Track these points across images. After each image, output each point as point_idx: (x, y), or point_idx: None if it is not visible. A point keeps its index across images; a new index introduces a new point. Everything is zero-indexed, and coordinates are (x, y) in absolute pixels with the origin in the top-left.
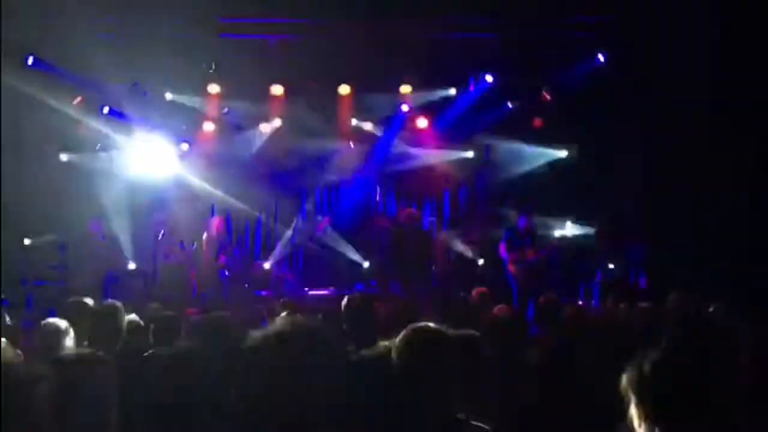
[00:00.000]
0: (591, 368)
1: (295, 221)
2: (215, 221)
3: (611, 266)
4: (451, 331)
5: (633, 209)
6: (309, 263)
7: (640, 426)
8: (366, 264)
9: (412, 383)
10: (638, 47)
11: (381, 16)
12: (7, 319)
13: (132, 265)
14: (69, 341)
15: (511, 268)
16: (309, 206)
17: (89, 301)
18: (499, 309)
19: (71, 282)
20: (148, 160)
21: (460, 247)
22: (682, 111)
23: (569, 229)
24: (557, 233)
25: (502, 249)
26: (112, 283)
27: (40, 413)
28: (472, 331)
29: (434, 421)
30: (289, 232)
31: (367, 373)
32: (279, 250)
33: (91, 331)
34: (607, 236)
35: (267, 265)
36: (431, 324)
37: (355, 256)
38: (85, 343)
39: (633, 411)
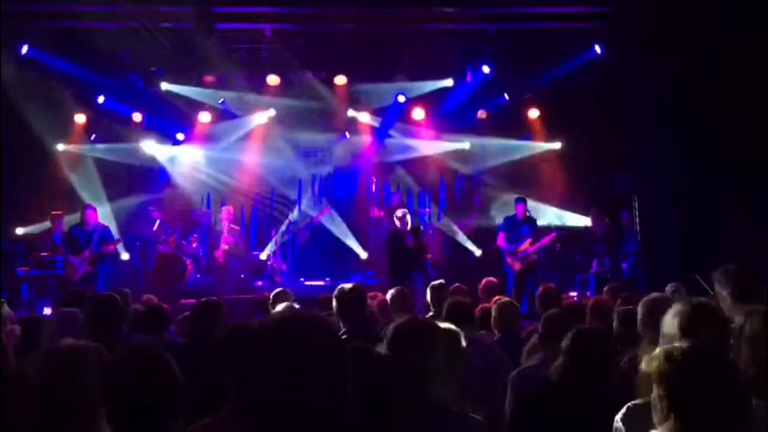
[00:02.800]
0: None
1: (291, 211)
2: (225, 211)
3: (606, 257)
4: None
5: (629, 201)
6: (305, 253)
7: (664, 418)
8: (365, 255)
9: (402, 374)
10: (636, 38)
11: (378, 6)
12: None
13: (125, 255)
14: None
15: (509, 260)
16: (305, 195)
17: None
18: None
19: (66, 271)
20: (144, 149)
21: (457, 237)
22: (680, 101)
23: (565, 219)
24: (553, 223)
25: (500, 239)
26: (105, 273)
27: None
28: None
29: (425, 412)
30: (285, 223)
31: (359, 362)
32: (275, 240)
33: (91, 321)
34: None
35: (263, 256)
36: (420, 316)
37: (356, 246)
38: None
39: (656, 403)
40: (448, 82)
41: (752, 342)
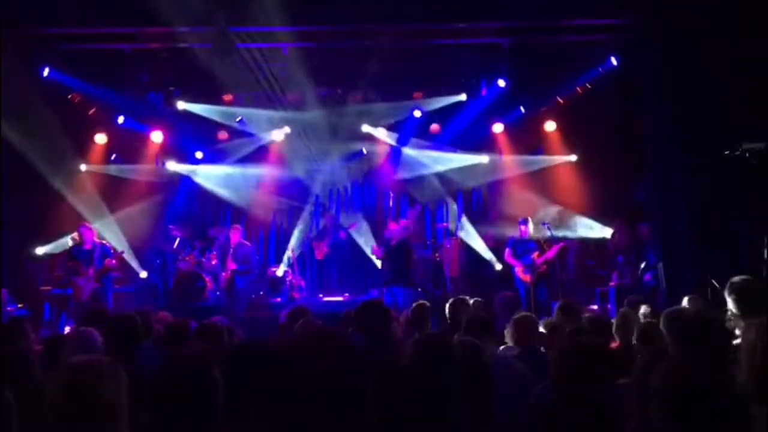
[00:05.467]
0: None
1: (310, 226)
2: (234, 232)
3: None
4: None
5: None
6: (323, 269)
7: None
8: None
9: (422, 389)
10: (652, 49)
11: (393, 22)
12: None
13: (143, 273)
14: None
15: (519, 273)
16: (322, 210)
17: None
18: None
19: (74, 292)
20: (164, 168)
21: (477, 251)
22: (696, 112)
23: (585, 230)
24: (574, 234)
25: (508, 256)
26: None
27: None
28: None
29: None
30: (294, 238)
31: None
32: (289, 255)
33: (110, 339)
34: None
35: (279, 272)
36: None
37: (378, 262)
38: None
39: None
40: (462, 97)
41: (748, 352)
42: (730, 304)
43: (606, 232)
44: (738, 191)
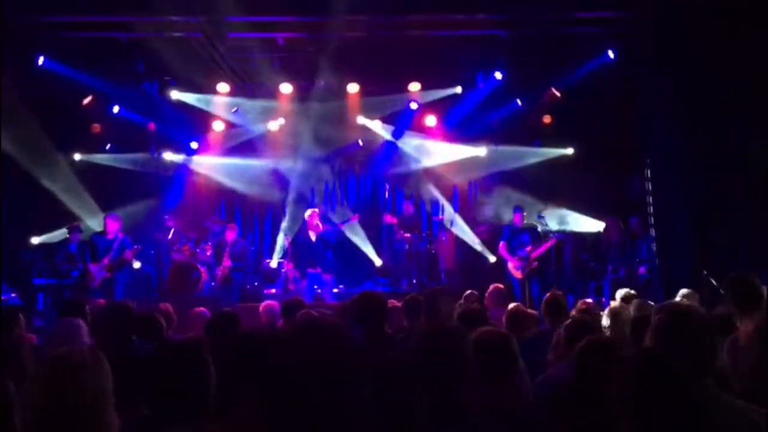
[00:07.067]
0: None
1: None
2: (230, 231)
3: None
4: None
5: (643, 205)
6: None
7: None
8: (379, 262)
9: (426, 381)
10: (650, 42)
11: (389, 14)
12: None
13: (137, 264)
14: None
15: (512, 267)
16: (318, 203)
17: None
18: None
19: (85, 279)
20: (158, 158)
21: (471, 243)
22: (694, 104)
23: (580, 224)
24: (568, 227)
25: (502, 248)
26: (123, 281)
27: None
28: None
29: (451, 416)
30: (285, 227)
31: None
32: (282, 245)
33: (103, 328)
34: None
35: (273, 263)
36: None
37: (371, 254)
38: None
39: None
40: (457, 90)
41: (744, 350)
42: (729, 299)
43: (601, 226)
44: (738, 191)
